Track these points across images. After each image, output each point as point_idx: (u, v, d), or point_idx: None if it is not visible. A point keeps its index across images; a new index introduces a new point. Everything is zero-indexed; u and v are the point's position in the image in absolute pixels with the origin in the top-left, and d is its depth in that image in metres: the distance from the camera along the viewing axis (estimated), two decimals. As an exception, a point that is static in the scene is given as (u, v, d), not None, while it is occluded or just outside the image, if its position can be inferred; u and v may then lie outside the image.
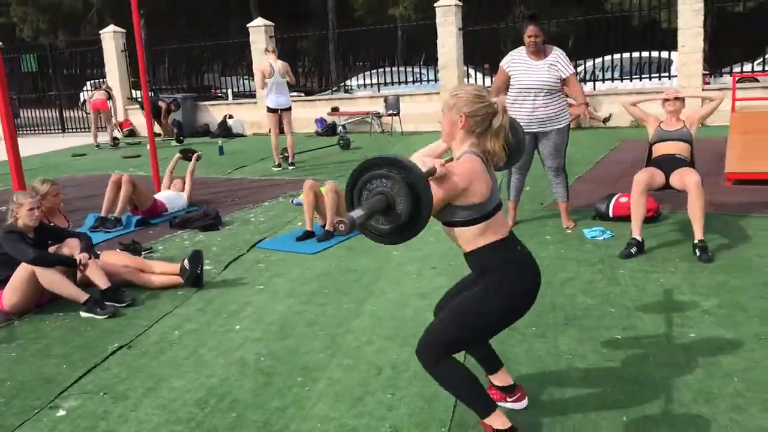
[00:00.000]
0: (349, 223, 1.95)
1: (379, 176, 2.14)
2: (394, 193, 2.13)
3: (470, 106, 2.50)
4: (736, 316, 3.69)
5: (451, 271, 4.73)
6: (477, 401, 2.55)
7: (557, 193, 5.80)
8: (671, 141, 5.20)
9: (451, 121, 2.54)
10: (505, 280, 2.47)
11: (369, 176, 2.17)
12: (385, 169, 2.14)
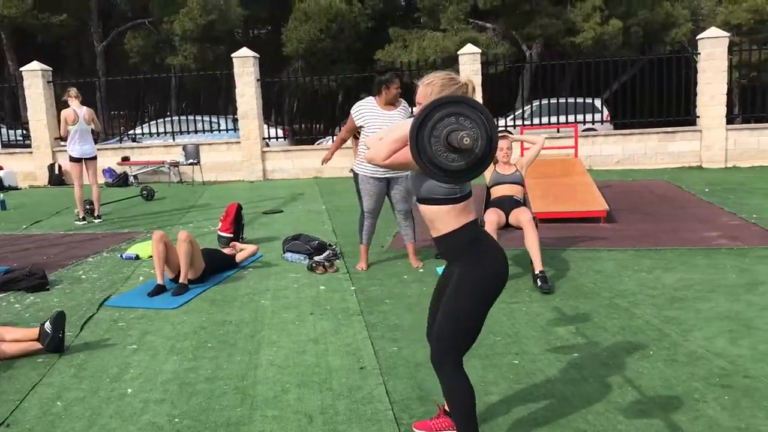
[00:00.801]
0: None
1: (457, 114, 2.22)
2: (470, 130, 2.22)
3: (448, 89, 2.63)
4: (602, 334, 4.21)
5: (330, 314, 4.78)
6: (468, 424, 2.67)
7: (406, 236, 6.12)
8: (507, 184, 5.79)
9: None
10: (484, 255, 2.61)
11: (446, 112, 2.22)
12: (462, 107, 2.23)
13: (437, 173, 2.31)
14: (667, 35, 22.94)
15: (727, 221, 7.51)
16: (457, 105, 2.25)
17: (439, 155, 2.26)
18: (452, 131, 2.23)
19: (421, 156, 2.28)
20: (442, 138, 2.24)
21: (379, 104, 5.83)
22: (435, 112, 2.26)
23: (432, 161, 2.26)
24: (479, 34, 22.99)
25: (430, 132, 2.24)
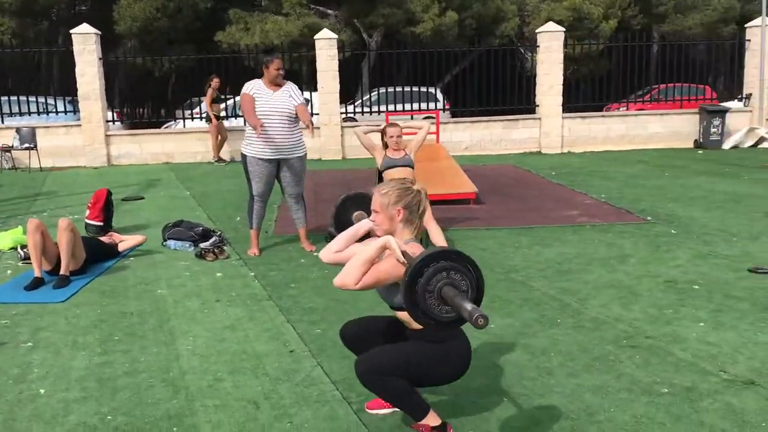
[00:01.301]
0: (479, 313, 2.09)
1: (447, 269, 2.29)
2: (463, 287, 2.31)
3: (404, 200, 2.74)
4: (509, 306, 4.46)
5: (238, 301, 4.65)
6: (414, 405, 2.73)
7: (297, 219, 6.06)
8: (398, 167, 5.91)
9: (389, 217, 2.74)
10: (455, 350, 2.70)
11: (449, 266, 2.30)
12: (460, 264, 2.31)
13: (430, 323, 2.38)
14: (497, 28, 24.30)
15: (581, 201, 8.18)
16: (447, 260, 2.33)
17: (434, 308, 2.33)
18: (445, 285, 2.30)
19: (414, 309, 2.34)
20: (436, 293, 2.31)
21: (265, 84, 5.72)
22: (427, 267, 2.31)
23: (426, 313, 2.33)
24: (322, 20, 23.04)
25: (424, 288, 2.31)
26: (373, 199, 2.78)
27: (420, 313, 2.32)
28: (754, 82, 13.96)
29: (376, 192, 2.79)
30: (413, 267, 2.29)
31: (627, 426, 2.89)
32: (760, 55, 13.67)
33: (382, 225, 2.76)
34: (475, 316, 2.07)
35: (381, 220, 2.76)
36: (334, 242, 2.93)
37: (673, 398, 3.13)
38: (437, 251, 2.34)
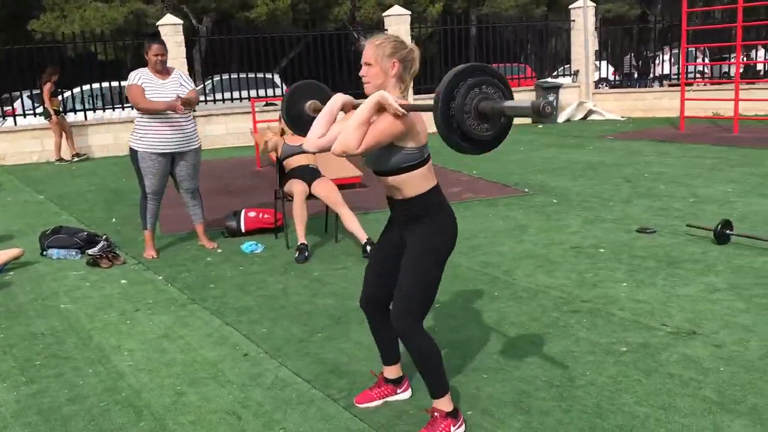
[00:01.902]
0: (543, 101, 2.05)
1: (491, 83, 2.21)
2: (497, 98, 2.24)
3: (400, 52, 2.60)
4: (442, 284, 4.51)
5: (159, 308, 4.33)
6: (440, 376, 2.71)
7: (195, 216, 5.73)
8: (301, 154, 5.76)
9: (384, 70, 2.58)
10: (446, 218, 2.67)
11: (482, 80, 2.20)
12: (489, 76, 2.24)
13: (468, 147, 2.30)
14: (330, 13, 24.33)
15: (457, 178, 8.46)
16: (475, 75, 2.24)
17: (474, 129, 2.25)
18: (480, 101, 2.23)
19: (453, 135, 2.25)
20: (473, 111, 2.23)
21: (152, 72, 5.32)
22: (457, 88, 2.22)
23: (467, 136, 2.25)
24: (147, 6, 21.81)
25: (461, 109, 2.21)
26: (366, 52, 2.60)
27: (459, 138, 2.25)
28: (580, 60, 15.13)
29: (368, 44, 2.61)
30: (444, 91, 2.20)
31: (609, 387, 3.04)
32: (584, 35, 14.82)
33: (374, 79, 2.60)
34: (541, 104, 2.04)
35: (374, 73, 2.59)
36: (313, 129, 2.75)
37: (635, 355, 3.34)
38: (461, 69, 2.24)
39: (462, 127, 2.25)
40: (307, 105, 3.15)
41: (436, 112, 2.23)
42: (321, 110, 2.89)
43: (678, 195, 6.88)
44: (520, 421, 2.80)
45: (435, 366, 2.70)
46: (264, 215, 6.14)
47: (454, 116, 2.23)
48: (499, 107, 2.20)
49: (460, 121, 2.24)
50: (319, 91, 3.21)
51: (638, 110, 14.63)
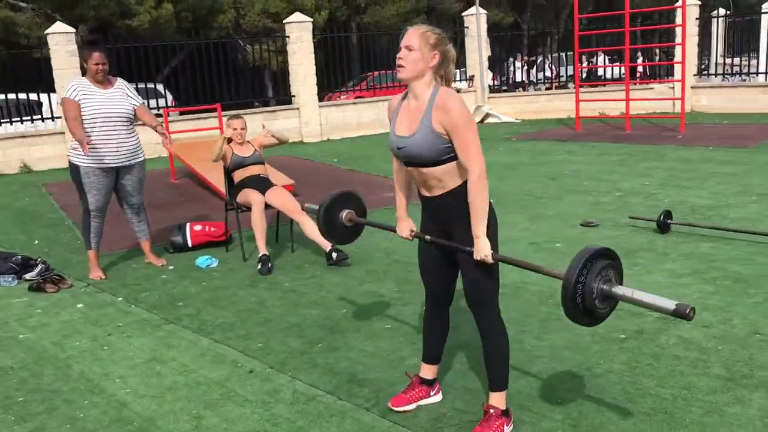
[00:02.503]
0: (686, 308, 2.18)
1: (614, 268, 2.37)
2: (612, 277, 2.38)
3: (442, 46, 2.61)
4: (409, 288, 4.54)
5: (133, 330, 4.08)
6: (506, 368, 2.77)
7: (140, 232, 5.43)
8: (250, 165, 5.60)
9: (424, 58, 2.58)
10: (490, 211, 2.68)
11: (610, 264, 2.35)
12: (606, 258, 2.37)
13: (588, 322, 2.43)
14: (214, 21, 23.78)
15: (387, 183, 8.50)
16: (606, 258, 2.39)
17: (597, 309, 2.38)
18: (605, 282, 2.35)
19: (577, 309, 2.36)
20: (597, 291, 2.35)
21: (92, 83, 5.00)
22: (594, 266, 2.35)
23: (590, 310, 2.37)
24: (15, 14, 20.41)
25: (594, 288, 2.34)
26: (409, 37, 2.58)
27: (587, 321, 2.39)
28: (474, 65, 15.64)
29: (412, 30, 2.59)
30: (573, 279, 2.30)
31: (627, 373, 3.18)
32: (478, 41, 15.34)
33: (411, 64, 2.57)
34: (686, 310, 2.16)
35: (413, 58, 2.56)
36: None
37: (636, 342, 3.51)
38: (581, 259, 2.32)
39: (587, 305, 2.35)
40: (344, 215, 3.23)
41: (567, 297, 2.34)
42: (355, 220, 3.20)
43: (602, 190, 7.27)
44: (559, 413, 2.87)
45: (505, 356, 2.76)
46: (211, 228, 5.92)
47: (583, 299, 2.34)
48: (638, 300, 2.31)
49: (588, 303, 2.34)
50: (355, 200, 3.31)
51: (530, 112, 15.30)
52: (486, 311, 2.75)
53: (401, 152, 2.69)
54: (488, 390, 2.79)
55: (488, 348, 2.77)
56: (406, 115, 2.69)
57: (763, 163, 8.10)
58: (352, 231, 3.35)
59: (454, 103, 2.53)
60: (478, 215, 2.59)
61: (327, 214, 3.20)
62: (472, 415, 2.89)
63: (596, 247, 2.38)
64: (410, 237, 2.98)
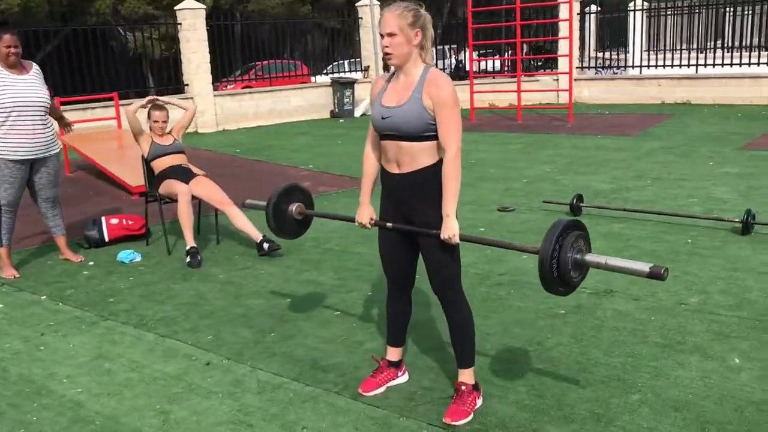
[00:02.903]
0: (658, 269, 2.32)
1: (583, 238, 2.49)
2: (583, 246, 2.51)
3: (420, 20, 2.65)
4: (348, 275, 4.61)
5: (67, 328, 3.89)
6: (473, 345, 2.87)
7: (56, 227, 5.14)
8: (170, 155, 5.44)
9: (408, 39, 2.62)
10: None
11: (580, 235, 2.47)
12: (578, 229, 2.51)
13: (563, 291, 2.53)
14: (91, 7, 22.59)
15: (298, 173, 8.47)
16: (576, 229, 2.51)
17: (574, 280, 2.51)
18: (575, 254, 2.47)
19: (554, 280, 2.46)
20: (572, 265, 2.46)
21: (4, 68, 4.68)
22: (566, 238, 2.46)
23: (569, 288, 2.51)
24: None
25: (566, 271, 2.45)
26: (387, 22, 2.61)
27: (562, 291, 2.50)
28: (369, 56, 15.77)
29: (388, 14, 2.62)
30: (553, 238, 2.40)
31: (575, 345, 3.39)
32: (372, 32, 15.47)
33: (398, 49, 2.62)
34: (661, 271, 2.31)
35: (398, 42, 2.61)
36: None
37: (577, 316, 3.74)
38: (554, 232, 2.42)
39: (564, 276, 2.46)
40: (294, 208, 3.24)
41: (545, 277, 2.43)
42: (305, 213, 3.23)
43: (511, 177, 7.60)
44: (522, 385, 3.03)
45: (472, 334, 2.86)
46: (128, 221, 5.69)
47: (558, 269, 2.44)
48: (612, 266, 2.44)
49: (564, 273, 2.45)
50: (302, 193, 3.32)
51: (426, 103, 15.63)
52: (451, 293, 2.82)
53: (385, 122, 2.71)
54: (457, 368, 2.89)
55: (455, 328, 2.86)
56: (394, 90, 2.73)
57: (648, 149, 8.75)
58: (302, 224, 3.36)
59: (444, 81, 2.62)
60: (450, 193, 2.64)
61: (276, 209, 3.19)
62: (440, 392, 3.00)
63: (566, 219, 2.50)
64: (370, 224, 2.97)
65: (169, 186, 5.22)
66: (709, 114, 11.92)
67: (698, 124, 10.71)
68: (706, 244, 4.81)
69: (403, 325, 3.10)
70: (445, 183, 2.65)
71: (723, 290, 3.97)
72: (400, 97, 2.68)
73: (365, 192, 3.02)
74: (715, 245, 4.76)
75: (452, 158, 2.62)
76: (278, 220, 3.23)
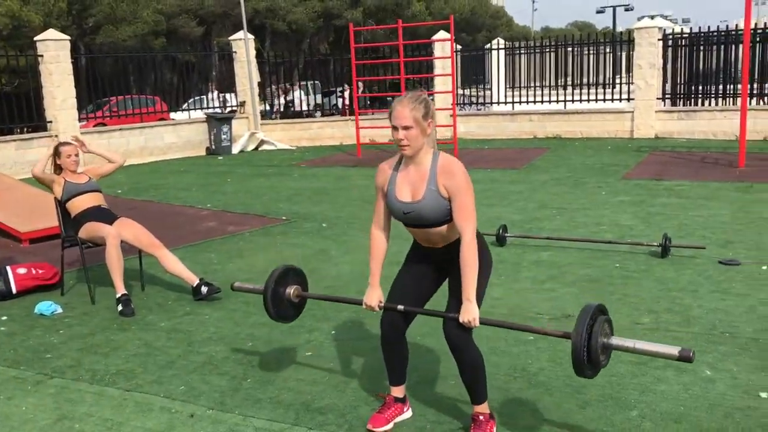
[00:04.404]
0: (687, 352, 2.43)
1: (608, 321, 2.58)
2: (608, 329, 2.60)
3: (430, 110, 2.74)
4: (310, 323, 4.50)
5: (9, 389, 3.48)
6: (485, 384, 2.87)
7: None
8: (87, 193, 5.07)
9: (423, 131, 2.71)
10: (482, 247, 2.81)
11: (605, 319, 2.56)
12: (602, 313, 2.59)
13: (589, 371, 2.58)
14: None
15: (197, 213, 8.15)
16: (603, 314, 2.59)
17: (600, 361, 2.57)
18: (603, 338, 2.56)
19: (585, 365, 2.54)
20: (601, 346, 2.55)
21: None
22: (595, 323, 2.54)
23: (595, 362, 2.55)
24: None
25: (597, 360, 2.55)
26: (402, 115, 2.67)
27: (590, 374, 2.59)
28: (245, 91, 15.56)
29: (401, 107, 2.67)
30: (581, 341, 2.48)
31: (556, 369, 3.51)
32: (248, 66, 15.30)
33: (415, 141, 2.70)
34: (689, 354, 2.42)
35: (414, 135, 2.69)
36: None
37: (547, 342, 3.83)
38: (585, 318, 2.51)
39: (593, 359, 2.55)
40: (292, 291, 3.19)
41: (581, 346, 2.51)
42: (303, 296, 3.21)
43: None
44: (526, 410, 3.09)
45: (483, 375, 2.86)
46: (38, 270, 5.20)
47: (588, 354, 2.52)
48: (640, 350, 2.54)
49: (595, 358, 2.54)
50: (298, 274, 3.27)
51: (305, 139, 15.64)
52: (467, 337, 2.79)
53: (409, 216, 2.78)
54: (472, 404, 2.89)
55: (468, 370, 2.83)
56: (407, 181, 2.79)
57: (541, 181, 9.27)
58: (298, 307, 3.29)
59: (458, 169, 2.71)
60: (470, 277, 2.69)
61: (275, 293, 3.12)
62: (449, 424, 3.00)
63: (593, 305, 2.60)
64: (378, 308, 2.93)
65: (93, 229, 4.84)
66: (581, 147, 12.85)
67: (576, 157, 11.51)
68: (633, 267, 5.16)
69: (404, 365, 3.06)
70: (464, 268, 2.70)
71: (668, 309, 4.28)
72: (415, 190, 2.77)
73: (374, 274, 3.00)
74: (641, 268, 5.13)
75: (469, 242, 2.69)
76: (276, 305, 3.16)
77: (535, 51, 16.60)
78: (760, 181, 8.64)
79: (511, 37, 34.32)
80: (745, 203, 7.35)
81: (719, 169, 9.72)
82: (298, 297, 3.20)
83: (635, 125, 13.92)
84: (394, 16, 33.28)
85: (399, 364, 3.03)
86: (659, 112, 13.92)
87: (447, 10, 35.47)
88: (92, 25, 28.61)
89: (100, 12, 27.92)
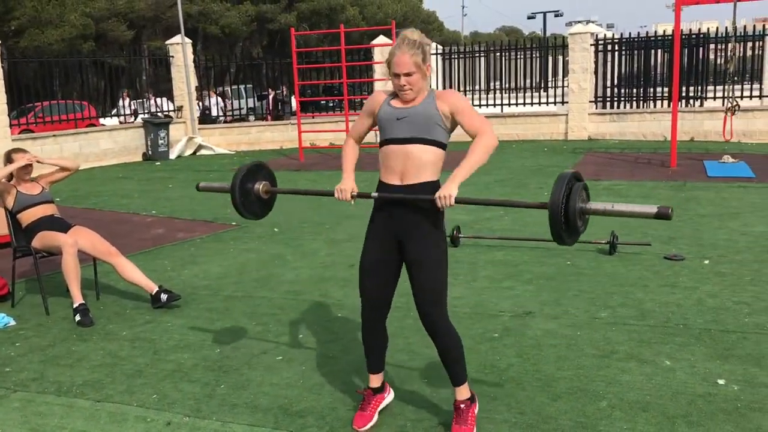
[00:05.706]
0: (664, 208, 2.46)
1: (585, 188, 2.59)
2: (584, 195, 2.62)
3: (428, 54, 2.80)
4: (267, 320, 4.50)
5: None
6: (464, 362, 2.95)
7: None
8: (40, 205, 4.95)
9: (423, 75, 2.78)
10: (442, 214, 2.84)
11: (582, 185, 2.55)
12: (579, 180, 2.61)
13: (566, 238, 2.63)
14: None
15: (142, 220, 7.99)
16: (572, 183, 2.62)
17: (580, 226, 2.63)
18: (581, 202, 2.61)
19: (563, 229, 2.58)
20: (578, 210, 2.59)
21: None
22: (574, 188, 2.60)
23: (573, 228, 2.60)
24: None
25: (575, 222, 2.59)
26: (404, 61, 2.71)
27: (569, 241, 2.63)
28: (183, 96, 15.30)
29: (402, 54, 2.72)
30: (560, 206, 2.52)
31: (525, 364, 3.62)
32: (185, 71, 15.05)
33: (417, 85, 2.76)
34: (668, 211, 2.46)
35: (416, 79, 2.75)
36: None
37: (511, 338, 3.97)
38: (562, 184, 2.55)
39: (571, 224, 2.60)
40: (260, 187, 3.18)
41: (558, 229, 2.56)
42: (272, 191, 3.19)
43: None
44: (502, 404, 3.18)
45: (461, 353, 2.92)
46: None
47: (567, 219, 2.58)
48: (619, 210, 2.59)
49: (573, 223, 2.59)
50: (266, 171, 3.27)
51: (244, 143, 15.49)
52: (439, 310, 2.85)
53: (400, 122, 2.78)
54: (452, 386, 2.95)
55: (444, 347, 2.89)
56: (402, 103, 2.83)
57: (485, 183, 9.46)
58: (266, 204, 3.29)
59: (456, 93, 2.82)
60: (469, 162, 2.71)
61: (243, 187, 3.12)
62: (429, 420, 3.06)
63: (569, 172, 2.66)
64: (352, 198, 2.93)
65: (48, 238, 4.71)
66: (518, 149, 13.17)
67: (515, 159, 11.80)
68: (584, 264, 5.36)
69: (383, 351, 3.11)
70: (470, 152, 2.74)
71: (622, 303, 4.47)
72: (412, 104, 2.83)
73: (348, 168, 3.01)
74: (592, 265, 5.33)
75: (489, 134, 2.77)
76: (245, 200, 3.15)
77: (473, 55, 16.90)
78: (692, 180, 9.08)
79: (443, 42, 34.84)
80: (681, 201, 7.71)
81: (653, 169, 10.15)
82: (267, 193, 3.18)
83: (569, 127, 14.37)
84: (327, 21, 33.34)
85: (378, 348, 3.07)
86: (592, 115, 14.41)
87: (380, 15, 35.79)
88: (15, 29, 27.56)
89: (23, 15, 26.94)
